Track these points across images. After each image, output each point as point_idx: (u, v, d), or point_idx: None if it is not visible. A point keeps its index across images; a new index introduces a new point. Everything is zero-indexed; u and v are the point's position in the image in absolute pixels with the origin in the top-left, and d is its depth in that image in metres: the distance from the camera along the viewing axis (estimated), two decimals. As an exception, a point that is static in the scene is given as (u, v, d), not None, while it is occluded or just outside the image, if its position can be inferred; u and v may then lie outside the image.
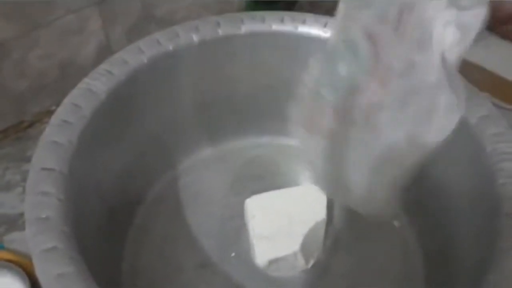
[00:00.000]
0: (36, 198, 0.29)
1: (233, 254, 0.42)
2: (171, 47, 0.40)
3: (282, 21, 0.41)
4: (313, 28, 0.41)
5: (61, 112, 0.34)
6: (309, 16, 0.42)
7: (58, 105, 0.55)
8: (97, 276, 0.28)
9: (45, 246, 0.27)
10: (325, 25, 0.41)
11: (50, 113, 0.55)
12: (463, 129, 0.35)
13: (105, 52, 0.56)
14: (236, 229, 0.43)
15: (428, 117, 0.28)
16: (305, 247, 0.39)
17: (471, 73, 0.38)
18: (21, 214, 0.45)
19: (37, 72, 0.53)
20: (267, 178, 0.47)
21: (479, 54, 0.60)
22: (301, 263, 0.40)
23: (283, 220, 0.40)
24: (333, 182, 0.34)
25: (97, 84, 0.36)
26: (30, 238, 0.28)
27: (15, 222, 0.46)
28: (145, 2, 0.57)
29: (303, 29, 0.42)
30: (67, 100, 0.34)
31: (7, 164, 0.51)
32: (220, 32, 0.41)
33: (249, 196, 0.42)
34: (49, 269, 0.26)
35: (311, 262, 0.41)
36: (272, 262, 0.39)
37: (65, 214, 0.29)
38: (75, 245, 0.28)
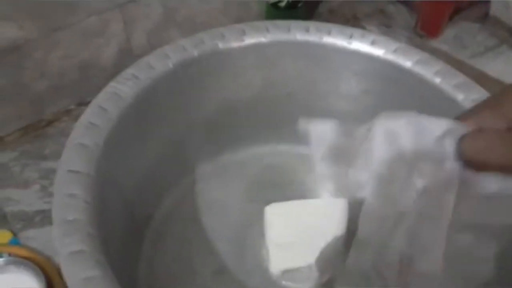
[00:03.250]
0: (64, 200, 0.29)
1: (250, 263, 0.41)
2: (196, 54, 0.40)
3: (307, 30, 0.42)
4: (338, 39, 0.42)
5: (88, 114, 0.34)
6: (334, 27, 0.42)
7: (76, 105, 0.57)
8: (117, 278, 0.28)
9: (72, 249, 0.27)
10: (350, 37, 0.41)
11: (68, 112, 0.56)
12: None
13: (125, 54, 0.57)
14: (252, 237, 0.43)
15: None
16: (321, 261, 0.39)
17: (491, 88, 0.38)
18: (38, 212, 0.46)
19: (57, 72, 0.53)
20: (284, 187, 0.47)
21: (499, 69, 0.60)
22: (315, 276, 0.40)
23: (301, 231, 0.39)
24: None
25: (123, 88, 0.36)
26: (57, 240, 0.28)
27: (31, 219, 0.46)
28: (166, 6, 0.57)
29: (328, 39, 0.42)
30: (94, 103, 0.35)
31: (25, 161, 0.51)
32: (245, 40, 0.41)
33: (265, 203, 0.42)
34: (76, 272, 0.27)
35: (327, 277, 0.40)
36: (286, 272, 0.39)
37: (92, 216, 0.29)
38: (100, 248, 0.29)
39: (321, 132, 0.28)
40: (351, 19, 0.67)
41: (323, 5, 0.68)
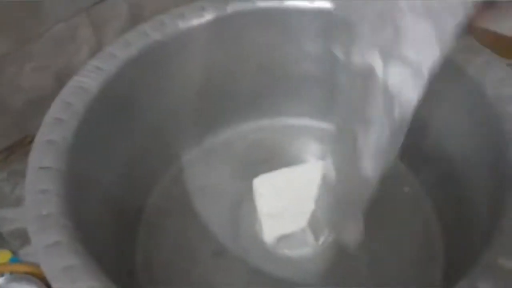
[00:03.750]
0: (36, 197, 0.29)
1: (247, 239, 0.41)
2: (158, 37, 0.39)
3: (267, -4, 0.41)
4: (299, 0, 0.41)
5: (53, 111, 0.33)
6: (294, -12, 0.41)
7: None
8: (111, 270, 0.28)
9: (48, 242, 0.27)
10: (311, -5, 0.41)
11: (51, 124, 0.55)
12: (461, 77, 0.34)
13: (99, 57, 0.56)
14: (246, 214, 0.42)
15: None
16: (314, 223, 0.39)
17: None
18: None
19: (34, 85, 0.53)
20: (272, 160, 0.46)
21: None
22: (310, 239, 0.39)
23: (291, 198, 0.39)
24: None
25: (87, 81, 0.35)
26: (33, 236, 0.28)
27: (28, 236, 0.45)
28: (131, 4, 0.57)
29: (289, 2, 0.41)
30: (58, 99, 0.34)
31: (15, 179, 0.51)
32: (206, 16, 0.41)
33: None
34: (54, 262, 0.26)
35: (322, 239, 0.40)
36: (280, 239, 0.39)
37: (66, 209, 0.29)
38: (80, 239, 0.28)
39: None
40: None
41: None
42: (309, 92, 0.47)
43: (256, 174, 0.42)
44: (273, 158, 0.46)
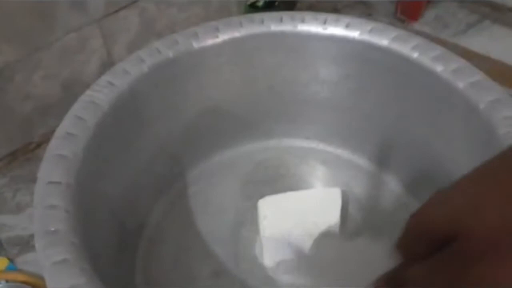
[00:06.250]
0: (44, 212, 0.29)
1: (248, 261, 0.41)
2: (171, 55, 0.39)
3: (281, 21, 0.41)
4: (313, 26, 0.41)
5: (65, 125, 0.33)
6: (308, 14, 0.41)
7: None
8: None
9: (55, 259, 0.27)
10: (324, 22, 0.41)
11: (56, 132, 0.55)
12: (472, 115, 0.34)
13: (108, 68, 0.56)
14: (249, 234, 0.42)
15: None
16: (316, 250, 0.38)
17: (477, 63, 0.38)
18: (33, 235, 0.45)
19: (42, 93, 0.53)
20: (277, 181, 0.46)
21: (484, 44, 0.60)
22: (311, 266, 0.39)
23: (294, 222, 0.39)
24: None
25: (99, 96, 0.35)
26: (40, 252, 0.27)
27: (27, 243, 0.45)
28: (144, 17, 0.57)
29: (303, 27, 0.41)
30: (70, 113, 0.34)
31: (17, 185, 0.51)
32: (220, 36, 0.41)
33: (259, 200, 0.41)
34: (60, 281, 0.26)
35: (322, 266, 0.40)
36: (280, 263, 0.38)
37: (74, 226, 0.29)
38: (86, 257, 0.28)
39: None
40: (331, 12, 0.67)
41: (302, 2, 0.68)
42: (318, 115, 0.47)
43: (260, 195, 0.42)
44: (278, 180, 0.47)
